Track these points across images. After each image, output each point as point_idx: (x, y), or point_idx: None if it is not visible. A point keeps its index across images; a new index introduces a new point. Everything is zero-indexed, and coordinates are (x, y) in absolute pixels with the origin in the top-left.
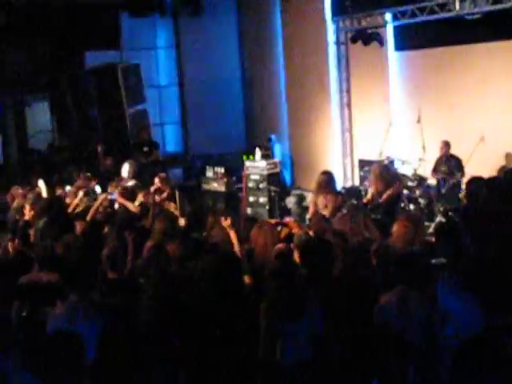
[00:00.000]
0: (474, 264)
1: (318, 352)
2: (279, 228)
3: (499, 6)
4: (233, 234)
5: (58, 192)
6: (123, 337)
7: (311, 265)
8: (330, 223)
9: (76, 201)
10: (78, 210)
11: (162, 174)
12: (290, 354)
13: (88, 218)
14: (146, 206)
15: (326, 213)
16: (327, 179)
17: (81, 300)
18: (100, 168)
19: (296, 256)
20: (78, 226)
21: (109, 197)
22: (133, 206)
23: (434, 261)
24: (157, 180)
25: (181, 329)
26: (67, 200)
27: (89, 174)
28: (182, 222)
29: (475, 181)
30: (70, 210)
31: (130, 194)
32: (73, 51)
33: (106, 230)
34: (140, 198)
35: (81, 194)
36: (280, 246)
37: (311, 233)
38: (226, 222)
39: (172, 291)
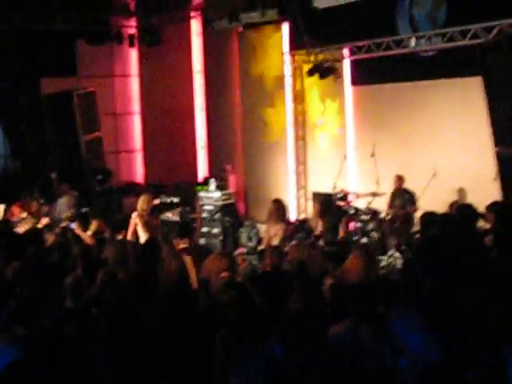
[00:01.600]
0: (431, 296)
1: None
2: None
3: (454, 44)
4: (189, 260)
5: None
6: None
7: (266, 297)
8: (284, 254)
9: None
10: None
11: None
12: None
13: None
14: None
15: (275, 241)
16: (276, 208)
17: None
18: (55, 194)
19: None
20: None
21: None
22: (87, 237)
23: None
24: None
25: (136, 358)
26: (19, 226)
27: (42, 201)
28: None
29: (428, 216)
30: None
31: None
32: (29, 77)
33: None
34: (93, 227)
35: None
36: (223, 274)
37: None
38: (181, 245)
39: (126, 321)
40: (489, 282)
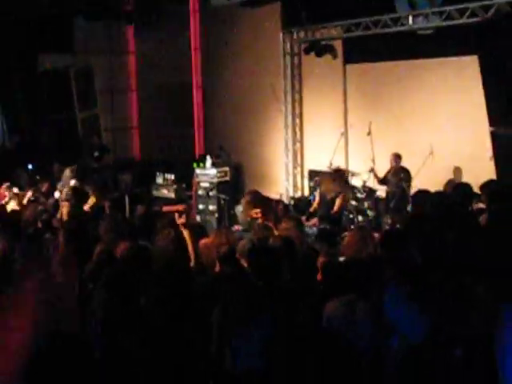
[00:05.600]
0: (421, 274)
1: (269, 360)
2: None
3: (451, 22)
4: (186, 233)
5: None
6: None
7: (259, 272)
8: (272, 230)
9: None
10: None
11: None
12: (240, 361)
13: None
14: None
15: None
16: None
17: None
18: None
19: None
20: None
21: None
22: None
23: None
24: None
25: (133, 332)
26: (12, 202)
27: (38, 177)
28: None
29: (421, 194)
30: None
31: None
32: (26, 52)
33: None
34: (91, 201)
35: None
36: (223, 249)
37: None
38: (180, 220)
39: (124, 295)
40: (480, 261)
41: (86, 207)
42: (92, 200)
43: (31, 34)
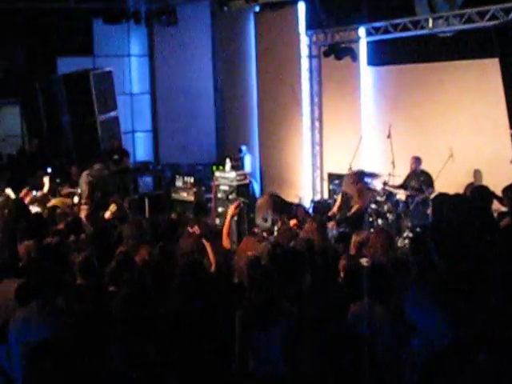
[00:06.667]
0: (444, 277)
1: (291, 363)
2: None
3: (472, 25)
4: (207, 244)
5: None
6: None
7: (282, 276)
8: (297, 233)
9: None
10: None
11: None
12: (262, 366)
13: None
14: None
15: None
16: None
17: (43, 306)
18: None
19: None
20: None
21: None
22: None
23: None
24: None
25: (154, 336)
26: (35, 205)
27: (58, 180)
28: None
29: (440, 197)
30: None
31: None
32: (45, 56)
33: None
34: (112, 208)
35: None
36: (250, 253)
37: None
38: (192, 229)
39: (145, 298)
40: (503, 264)
41: (107, 215)
42: (113, 207)
43: (51, 37)
